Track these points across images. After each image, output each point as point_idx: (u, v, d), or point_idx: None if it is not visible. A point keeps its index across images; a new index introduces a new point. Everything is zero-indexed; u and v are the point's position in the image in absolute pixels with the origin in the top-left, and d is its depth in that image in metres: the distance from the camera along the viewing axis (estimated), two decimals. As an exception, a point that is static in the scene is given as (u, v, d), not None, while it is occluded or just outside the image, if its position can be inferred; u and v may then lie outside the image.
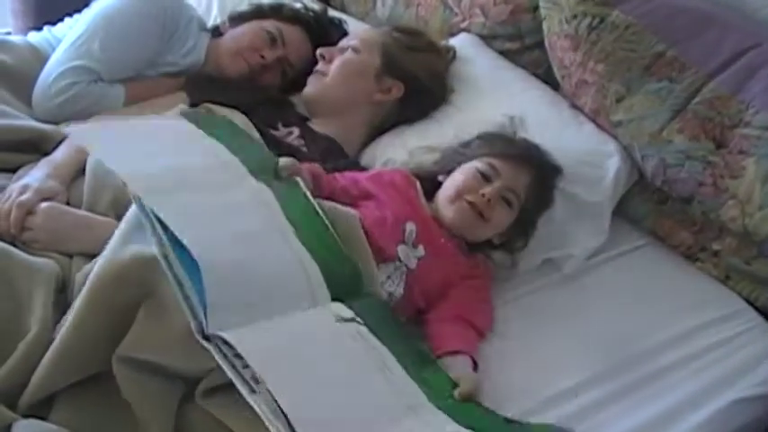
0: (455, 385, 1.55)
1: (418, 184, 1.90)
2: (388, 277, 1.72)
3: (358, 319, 1.49)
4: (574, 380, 1.70)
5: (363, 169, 2.07)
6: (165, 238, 1.37)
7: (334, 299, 1.50)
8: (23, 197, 1.70)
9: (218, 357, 1.28)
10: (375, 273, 1.65)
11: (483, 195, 1.80)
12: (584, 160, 2.02)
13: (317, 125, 2.19)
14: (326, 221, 1.61)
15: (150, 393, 1.42)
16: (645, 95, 1.97)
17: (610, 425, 1.63)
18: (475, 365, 1.66)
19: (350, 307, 1.50)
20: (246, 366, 1.28)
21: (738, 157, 1.85)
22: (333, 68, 2.16)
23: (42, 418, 1.40)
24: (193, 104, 2.07)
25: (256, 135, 1.95)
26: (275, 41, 2.29)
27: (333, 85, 2.16)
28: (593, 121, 2.11)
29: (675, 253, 2.04)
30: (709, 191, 1.90)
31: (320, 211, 1.62)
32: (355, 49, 2.16)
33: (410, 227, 1.79)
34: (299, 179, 1.68)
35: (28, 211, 1.68)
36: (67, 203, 1.77)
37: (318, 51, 2.19)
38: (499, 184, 1.81)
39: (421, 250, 1.78)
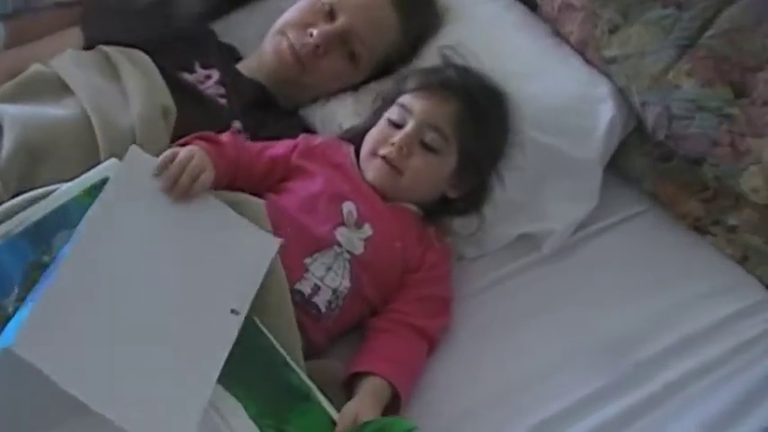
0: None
1: (352, 151, 1.62)
2: (329, 269, 1.47)
3: None
4: (561, 401, 1.45)
5: (304, 129, 1.77)
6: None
7: None
8: None
9: None
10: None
11: (393, 145, 1.56)
12: (568, 106, 1.73)
13: (246, 67, 1.84)
14: None
15: None
16: (645, 25, 1.69)
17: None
18: (396, 392, 1.41)
19: None
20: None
21: (763, 111, 1.57)
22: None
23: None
24: (90, 45, 1.74)
25: (158, 81, 1.65)
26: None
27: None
28: (581, 54, 1.79)
29: (682, 223, 1.74)
30: (726, 152, 1.60)
31: None
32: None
33: (348, 207, 1.53)
34: None
35: None
36: None
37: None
38: (411, 126, 1.56)
39: (367, 229, 1.53)
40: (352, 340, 1.49)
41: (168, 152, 1.38)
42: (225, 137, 1.52)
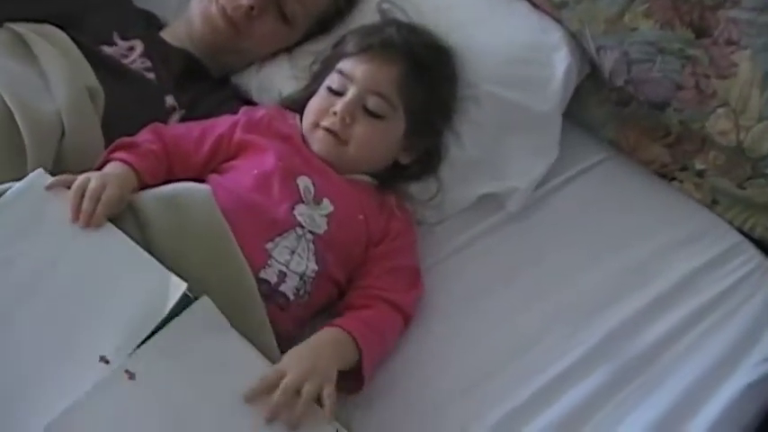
0: None
1: (298, 121, 1.52)
2: (293, 252, 1.37)
3: None
4: (543, 375, 1.38)
5: (241, 99, 1.66)
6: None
7: None
8: None
9: None
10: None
11: (335, 114, 1.48)
12: (520, 56, 1.64)
13: (171, 36, 1.69)
14: None
15: None
16: None
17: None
18: (361, 353, 1.32)
19: None
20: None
21: (727, 50, 1.52)
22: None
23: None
24: None
25: (79, 59, 1.50)
26: None
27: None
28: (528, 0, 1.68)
29: (645, 169, 1.68)
30: (691, 96, 1.55)
31: None
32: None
33: (304, 182, 1.44)
34: None
35: None
36: None
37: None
38: (352, 94, 1.48)
39: (327, 204, 1.43)
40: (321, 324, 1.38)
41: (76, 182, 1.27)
42: (143, 135, 1.41)
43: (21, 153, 1.36)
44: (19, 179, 1.29)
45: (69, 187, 1.26)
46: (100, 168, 1.35)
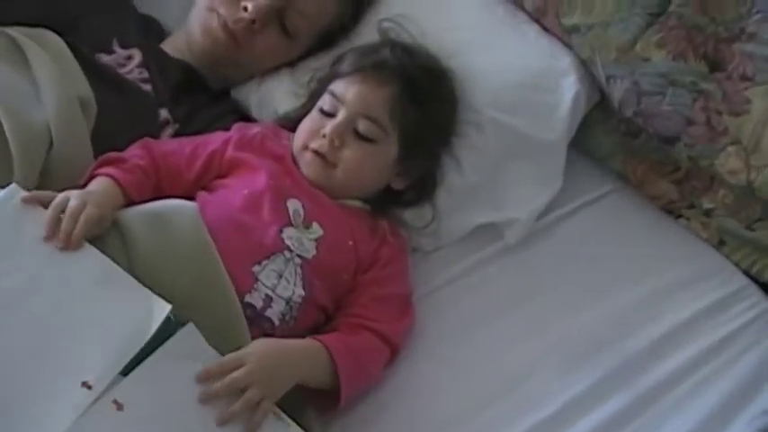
0: None
1: (291, 139, 1.48)
2: (281, 276, 1.34)
3: None
4: (534, 413, 1.35)
5: (238, 114, 1.63)
6: None
7: None
8: None
9: None
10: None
11: (324, 137, 1.44)
12: (526, 81, 1.59)
13: (171, 47, 1.65)
14: None
15: None
16: None
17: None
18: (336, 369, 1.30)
19: None
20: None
21: (741, 86, 1.47)
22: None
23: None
24: None
25: (73, 68, 1.47)
26: None
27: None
28: (538, 23, 1.64)
29: (651, 204, 1.62)
30: (701, 131, 1.49)
31: None
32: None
33: (294, 204, 1.40)
34: None
35: None
36: None
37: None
38: (342, 117, 1.44)
39: (316, 228, 1.40)
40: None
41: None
42: (132, 150, 1.38)
43: (7, 161, 1.33)
44: (2, 187, 1.26)
45: (46, 205, 1.22)
46: (86, 183, 1.32)
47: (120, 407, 1.10)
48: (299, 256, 1.35)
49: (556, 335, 1.43)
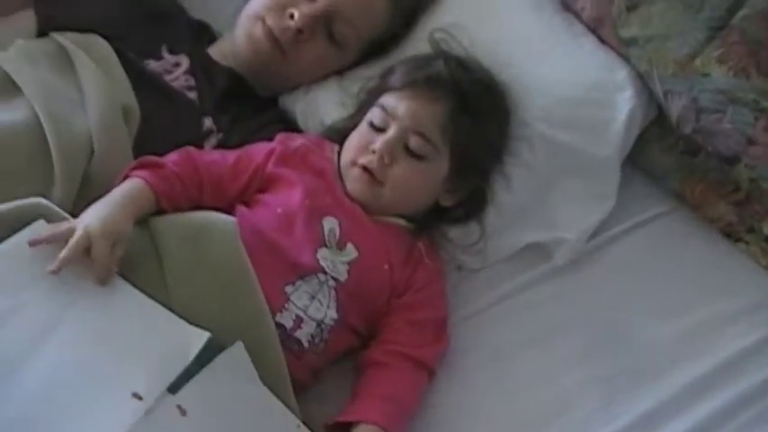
0: None
1: (336, 155, 1.45)
2: (313, 298, 1.31)
3: None
4: None
5: (283, 122, 1.60)
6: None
7: None
8: None
9: None
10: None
11: (374, 152, 1.41)
12: (581, 95, 1.53)
13: (218, 53, 1.64)
14: None
15: None
16: (669, 2, 1.49)
17: None
18: None
19: None
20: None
21: None
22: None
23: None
24: (43, 29, 1.55)
25: (119, 76, 1.47)
26: None
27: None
28: (595, 34, 1.58)
29: (710, 226, 1.56)
30: (764, 152, 1.42)
31: None
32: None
33: (329, 223, 1.37)
34: None
35: None
36: None
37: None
38: (392, 132, 1.41)
39: (351, 250, 1.37)
40: (340, 375, 1.33)
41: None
42: (171, 156, 1.36)
43: (50, 169, 1.33)
44: (45, 195, 1.26)
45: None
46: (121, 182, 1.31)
47: (183, 412, 1.10)
48: (333, 278, 1.33)
49: (601, 363, 1.38)
